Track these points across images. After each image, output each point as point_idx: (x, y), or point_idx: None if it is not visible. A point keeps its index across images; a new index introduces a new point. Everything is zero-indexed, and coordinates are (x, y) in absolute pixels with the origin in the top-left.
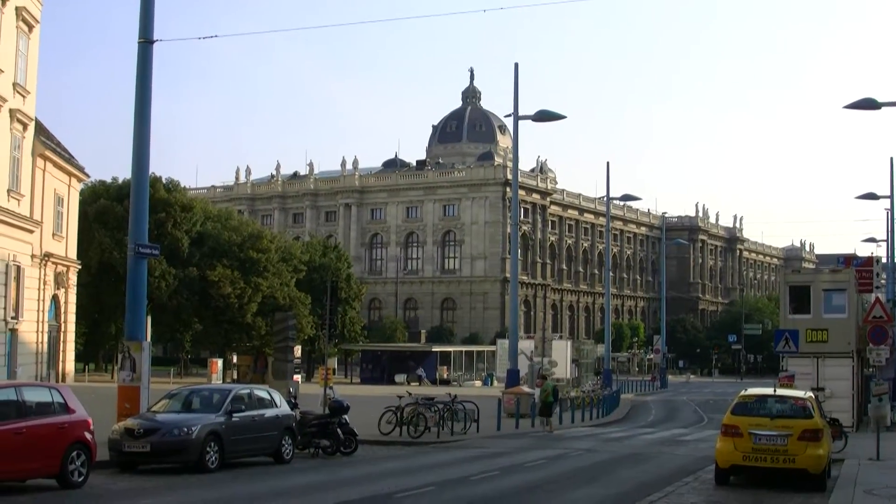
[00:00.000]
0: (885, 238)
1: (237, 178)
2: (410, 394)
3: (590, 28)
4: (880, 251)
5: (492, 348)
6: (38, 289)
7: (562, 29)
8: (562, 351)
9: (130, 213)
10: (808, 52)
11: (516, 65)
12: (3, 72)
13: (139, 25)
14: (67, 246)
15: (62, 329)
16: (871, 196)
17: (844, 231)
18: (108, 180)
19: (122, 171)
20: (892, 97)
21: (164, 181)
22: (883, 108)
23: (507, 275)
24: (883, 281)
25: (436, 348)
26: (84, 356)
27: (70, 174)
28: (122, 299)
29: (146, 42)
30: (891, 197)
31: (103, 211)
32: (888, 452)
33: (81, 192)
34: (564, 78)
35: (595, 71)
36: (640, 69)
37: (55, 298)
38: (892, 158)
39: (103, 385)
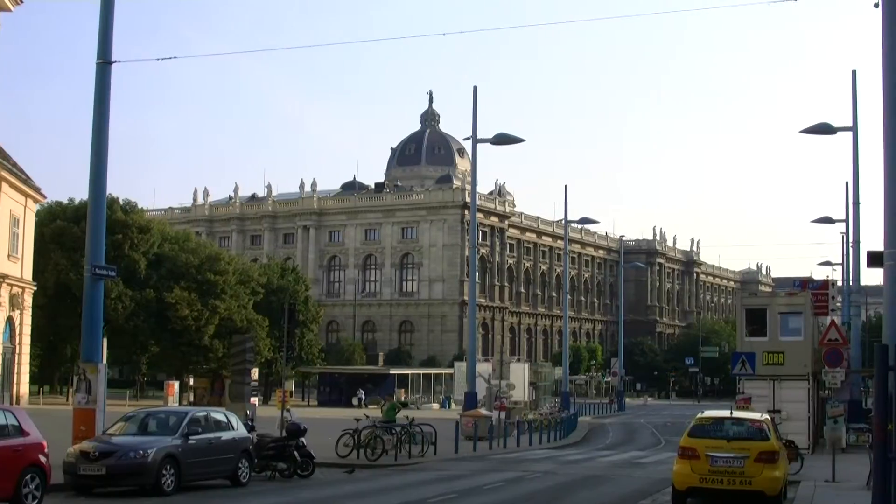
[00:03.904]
0: (840, 261)
1: (195, 200)
2: (368, 416)
3: (548, 52)
4: (836, 274)
5: (450, 371)
6: None
7: (520, 53)
8: (520, 374)
9: (87, 235)
10: (765, 78)
11: (475, 88)
12: None
13: (98, 46)
14: (23, 267)
15: (17, 351)
16: (827, 220)
17: (801, 255)
18: (65, 201)
19: (79, 192)
20: (847, 122)
21: (121, 202)
22: (838, 133)
23: (466, 298)
24: (839, 304)
25: (394, 371)
26: (39, 378)
27: (26, 195)
28: (78, 321)
29: (105, 63)
30: (846, 221)
31: (60, 232)
32: (844, 474)
33: (38, 213)
34: (523, 102)
35: (554, 95)
36: (598, 94)
37: (10, 320)
38: (847, 183)
39: (59, 408)
